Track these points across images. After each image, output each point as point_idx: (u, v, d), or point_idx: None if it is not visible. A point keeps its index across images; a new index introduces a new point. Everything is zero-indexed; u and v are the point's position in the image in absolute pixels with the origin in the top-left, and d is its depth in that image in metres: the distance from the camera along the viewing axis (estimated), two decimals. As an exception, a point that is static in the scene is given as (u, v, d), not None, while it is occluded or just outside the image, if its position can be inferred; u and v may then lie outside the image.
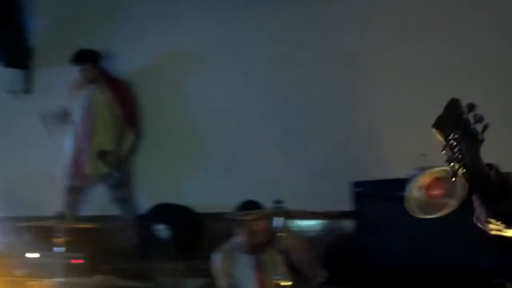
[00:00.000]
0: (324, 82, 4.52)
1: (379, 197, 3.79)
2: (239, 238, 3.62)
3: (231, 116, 4.87)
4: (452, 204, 2.89)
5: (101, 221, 4.73)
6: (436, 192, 3.02)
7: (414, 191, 3.09)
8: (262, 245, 3.63)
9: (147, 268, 4.72)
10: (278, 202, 3.20)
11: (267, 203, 3.40)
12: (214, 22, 4.96)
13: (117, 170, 4.98)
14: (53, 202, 5.04)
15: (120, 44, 5.29)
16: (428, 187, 3.07)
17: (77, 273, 4.03)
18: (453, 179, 1.42)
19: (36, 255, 4.50)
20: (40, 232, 4.84)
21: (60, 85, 5.28)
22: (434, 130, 1.43)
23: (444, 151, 1.41)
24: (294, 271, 3.54)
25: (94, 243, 4.75)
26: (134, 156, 5.16)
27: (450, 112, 1.41)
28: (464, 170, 1.39)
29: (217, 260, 3.79)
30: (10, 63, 5.56)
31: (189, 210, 4.80)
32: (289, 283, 3.09)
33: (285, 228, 3.38)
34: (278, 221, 3.20)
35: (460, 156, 1.39)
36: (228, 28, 4.91)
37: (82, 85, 5.12)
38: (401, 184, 3.22)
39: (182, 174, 4.98)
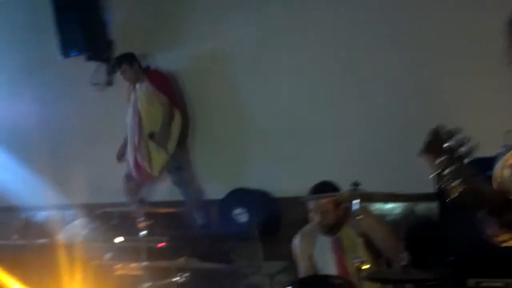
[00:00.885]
0: (401, 58, 4.37)
1: (464, 177, 3.61)
2: (316, 221, 3.60)
3: (307, 96, 4.81)
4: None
5: (182, 205, 4.86)
6: (524, 170, 2.86)
7: (500, 170, 2.94)
8: (340, 227, 3.59)
9: (227, 251, 4.80)
10: (356, 184, 3.13)
11: (346, 185, 3.34)
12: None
13: (168, 150, 5.18)
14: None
15: (191, 38, 5.39)
16: (515, 166, 2.91)
17: (160, 256, 4.14)
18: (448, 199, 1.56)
19: (121, 239, 4.67)
20: (125, 218, 5.03)
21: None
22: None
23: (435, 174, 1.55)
24: (374, 254, 3.48)
25: (175, 227, 4.87)
26: (209, 143, 5.27)
27: (434, 140, 1.57)
28: (460, 189, 1.53)
29: (297, 243, 3.79)
30: (91, 57, 5.76)
31: (266, 194, 4.82)
32: (369, 265, 3.02)
33: (364, 211, 3.32)
34: (356, 204, 3.14)
35: (452, 179, 1.53)
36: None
37: (131, 89, 5.40)
38: (487, 163, 3.06)
39: (259, 159, 5.00)
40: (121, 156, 5.48)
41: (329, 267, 3.59)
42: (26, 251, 5.22)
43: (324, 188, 3.60)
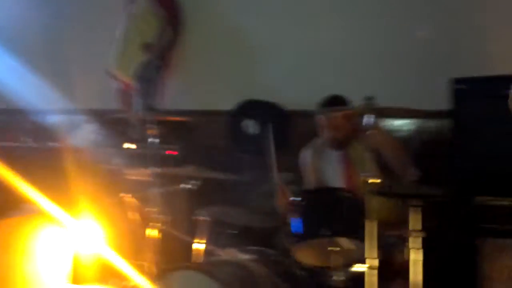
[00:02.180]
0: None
1: (481, 95, 3.54)
2: (326, 134, 3.58)
3: (317, 8, 4.64)
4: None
5: (192, 115, 4.83)
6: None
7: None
8: (350, 141, 3.57)
9: (237, 161, 4.83)
10: (369, 98, 3.07)
11: (358, 99, 3.28)
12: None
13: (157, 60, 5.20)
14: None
15: None
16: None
17: (169, 164, 4.17)
18: None
19: (132, 146, 4.70)
20: (133, 124, 5.03)
21: None
22: None
23: None
24: (384, 169, 3.48)
25: (186, 136, 4.88)
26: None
27: None
28: None
29: (305, 156, 3.80)
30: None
31: (276, 106, 4.77)
32: (378, 180, 3.02)
33: (375, 125, 3.28)
34: (368, 118, 3.09)
35: None
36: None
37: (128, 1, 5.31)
38: (505, 81, 2.99)
39: (269, 70, 4.90)
40: None
41: (337, 180, 3.61)
42: (35, 154, 5.28)
43: (335, 101, 3.55)
